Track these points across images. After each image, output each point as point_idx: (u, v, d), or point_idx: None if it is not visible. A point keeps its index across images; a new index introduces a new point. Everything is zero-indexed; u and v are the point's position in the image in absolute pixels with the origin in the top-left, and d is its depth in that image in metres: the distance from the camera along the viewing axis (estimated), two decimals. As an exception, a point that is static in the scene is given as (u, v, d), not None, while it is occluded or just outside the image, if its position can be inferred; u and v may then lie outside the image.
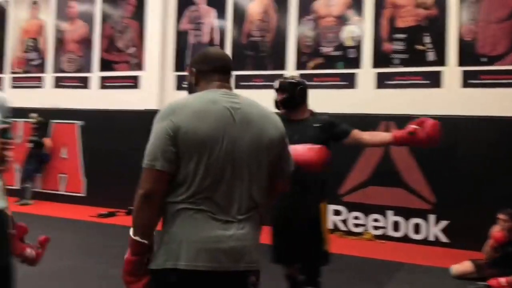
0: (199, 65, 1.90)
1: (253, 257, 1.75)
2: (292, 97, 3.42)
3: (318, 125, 3.37)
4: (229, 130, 1.73)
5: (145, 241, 1.69)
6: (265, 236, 2.38)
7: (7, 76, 9.94)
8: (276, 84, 3.49)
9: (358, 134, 3.40)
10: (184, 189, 1.70)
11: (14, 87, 9.83)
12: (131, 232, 1.71)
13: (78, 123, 8.76)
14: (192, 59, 1.96)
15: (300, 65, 7.51)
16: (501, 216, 5.08)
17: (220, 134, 1.71)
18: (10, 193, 9.73)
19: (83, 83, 9.13)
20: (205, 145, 1.69)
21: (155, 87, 8.32)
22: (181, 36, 8.39)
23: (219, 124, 1.72)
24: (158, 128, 1.70)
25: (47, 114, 8.87)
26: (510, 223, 5.02)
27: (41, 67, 9.62)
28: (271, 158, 1.84)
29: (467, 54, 6.58)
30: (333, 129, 3.38)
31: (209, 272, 1.67)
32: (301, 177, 3.06)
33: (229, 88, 1.88)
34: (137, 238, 1.69)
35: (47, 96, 9.25)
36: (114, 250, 5.53)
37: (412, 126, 3.25)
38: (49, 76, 9.48)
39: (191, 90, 1.90)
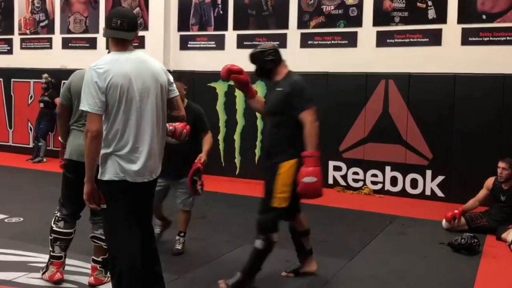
0: None
1: None
2: (261, 67, 3.65)
3: (280, 89, 3.54)
4: None
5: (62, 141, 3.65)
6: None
7: (16, 37, 10.11)
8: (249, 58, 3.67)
9: (304, 119, 3.42)
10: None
11: (23, 48, 10.02)
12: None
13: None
14: None
15: (302, 24, 7.57)
16: (501, 164, 5.24)
17: None
18: (25, 151, 10.18)
19: (90, 43, 9.28)
20: None
21: (160, 47, 8.43)
22: (184, -4, 8.42)
23: None
24: None
25: (57, 75, 9.07)
26: (509, 171, 5.21)
27: (48, 28, 9.76)
28: None
29: (467, 11, 6.59)
30: (292, 99, 3.47)
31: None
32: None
33: None
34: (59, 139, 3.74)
35: (56, 57, 9.43)
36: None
37: None
38: (57, 37, 9.63)
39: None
